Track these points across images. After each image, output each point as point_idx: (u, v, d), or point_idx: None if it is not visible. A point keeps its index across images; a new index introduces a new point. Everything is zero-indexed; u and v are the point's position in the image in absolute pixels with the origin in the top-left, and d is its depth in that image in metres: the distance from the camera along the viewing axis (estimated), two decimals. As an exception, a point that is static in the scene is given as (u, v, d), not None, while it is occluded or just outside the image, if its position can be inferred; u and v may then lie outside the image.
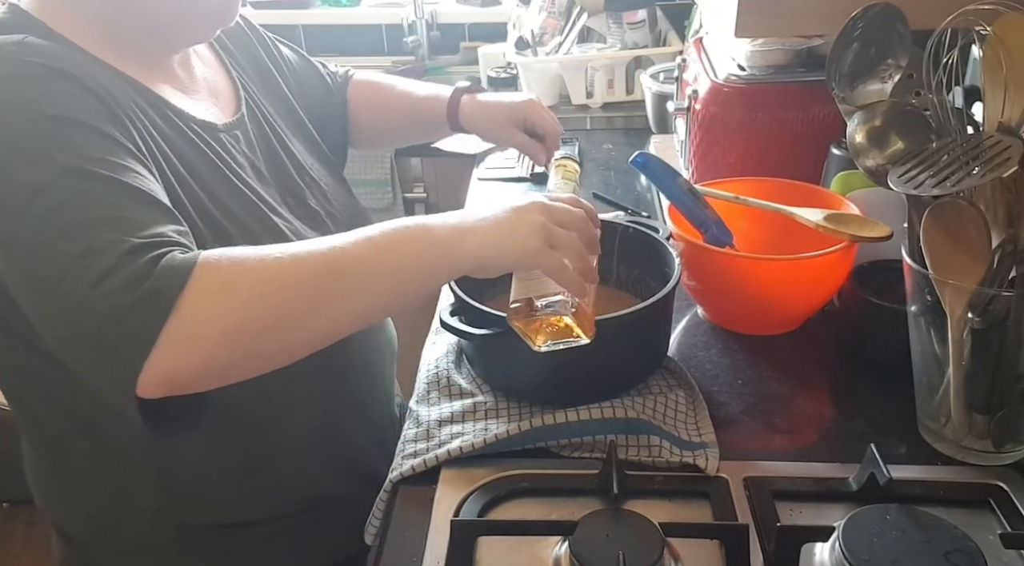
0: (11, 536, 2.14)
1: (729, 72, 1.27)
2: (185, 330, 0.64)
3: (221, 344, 0.66)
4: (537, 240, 0.72)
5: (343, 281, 0.70)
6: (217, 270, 0.66)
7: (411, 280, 0.73)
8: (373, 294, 0.72)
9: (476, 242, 0.72)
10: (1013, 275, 0.79)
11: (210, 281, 0.66)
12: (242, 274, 0.67)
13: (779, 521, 0.76)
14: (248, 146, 0.91)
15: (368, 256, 0.71)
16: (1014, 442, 0.83)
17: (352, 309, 0.71)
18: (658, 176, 1.08)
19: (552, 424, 0.86)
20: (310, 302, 0.69)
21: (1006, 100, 0.79)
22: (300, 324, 0.69)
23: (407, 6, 2.42)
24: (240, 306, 0.66)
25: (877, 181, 0.90)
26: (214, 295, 0.65)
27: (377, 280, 0.71)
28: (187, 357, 0.65)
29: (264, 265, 0.68)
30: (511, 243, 0.72)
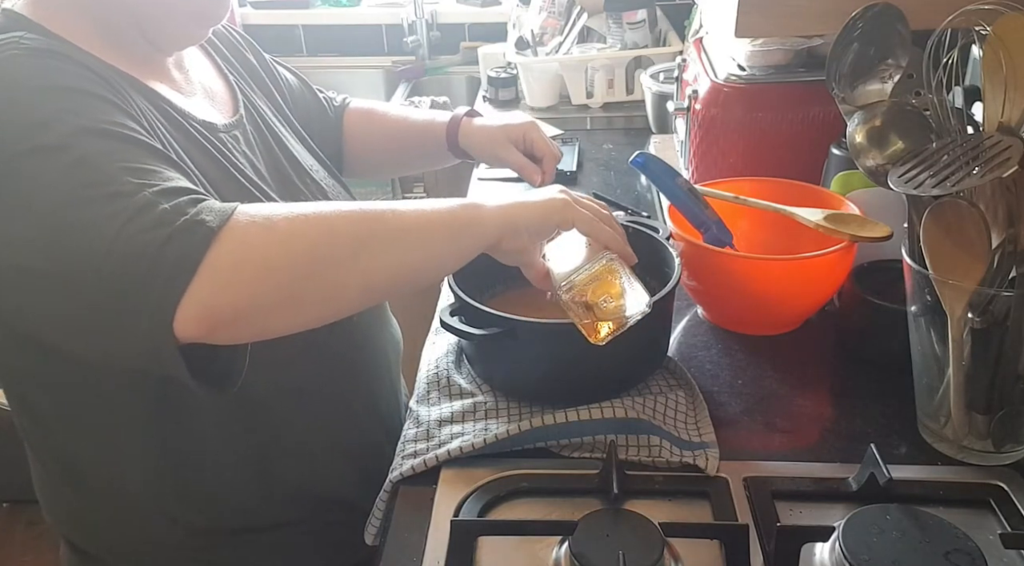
0: (11, 536, 2.14)
1: (729, 72, 1.27)
2: (226, 259, 0.63)
3: (262, 278, 0.65)
4: (561, 198, 0.79)
5: (379, 227, 0.71)
6: (257, 210, 0.67)
7: (443, 237, 0.75)
8: (408, 246, 0.73)
9: (505, 205, 0.77)
10: (1013, 275, 0.79)
11: (251, 218, 0.66)
12: (281, 215, 0.68)
13: (779, 521, 0.76)
14: (248, 147, 0.91)
15: (404, 208, 0.73)
16: (1014, 442, 0.83)
17: (388, 259, 0.72)
18: (658, 176, 1.08)
19: (552, 424, 0.86)
20: (347, 243, 0.69)
21: (1006, 100, 0.79)
22: (338, 266, 0.69)
23: (407, 6, 2.43)
24: (280, 241, 0.66)
25: (877, 181, 0.90)
26: (255, 230, 0.65)
27: (411, 231, 0.73)
28: (227, 289, 0.64)
29: (301, 208, 0.69)
30: (537, 200, 0.79)
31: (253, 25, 2.43)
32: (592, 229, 0.80)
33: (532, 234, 0.80)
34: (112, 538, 0.91)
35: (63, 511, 0.93)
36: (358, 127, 1.19)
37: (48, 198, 0.65)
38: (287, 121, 1.02)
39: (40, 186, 0.65)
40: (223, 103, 0.93)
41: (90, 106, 0.69)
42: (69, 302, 0.65)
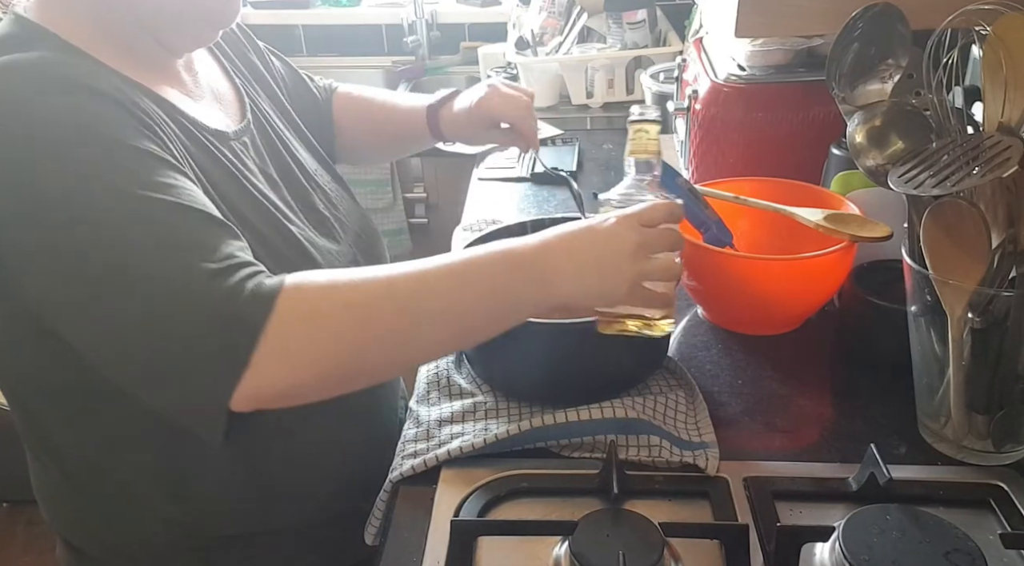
0: (11, 536, 2.14)
1: (729, 72, 1.27)
2: (271, 357, 0.67)
3: (305, 371, 0.69)
4: (625, 288, 0.74)
5: (424, 317, 0.71)
6: (302, 300, 0.69)
7: (492, 319, 0.74)
8: (455, 332, 0.74)
9: (563, 290, 0.73)
10: (1013, 275, 0.79)
11: (295, 312, 0.68)
12: (325, 305, 0.69)
13: (779, 521, 0.76)
14: (256, 153, 0.90)
15: (452, 292, 0.72)
16: (1014, 442, 0.83)
17: (433, 342, 0.74)
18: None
19: (552, 424, 0.86)
20: (391, 336, 0.71)
21: (1006, 100, 0.79)
22: (381, 355, 0.72)
23: (407, 6, 2.43)
24: (324, 338, 0.68)
25: (877, 181, 0.90)
26: (299, 325, 0.68)
27: (459, 318, 0.73)
28: (272, 381, 0.68)
29: (346, 297, 0.70)
30: (598, 290, 0.74)
31: (253, 25, 2.41)
32: (647, 309, 0.78)
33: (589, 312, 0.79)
34: (110, 539, 0.91)
35: (61, 511, 0.93)
36: (347, 114, 1.19)
37: (91, 274, 0.67)
38: (291, 122, 1.02)
39: (82, 258, 0.67)
40: (231, 107, 0.92)
41: (123, 162, 0.69)
42: (120, 357, 0.70)
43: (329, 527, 0.95)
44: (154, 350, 0.68)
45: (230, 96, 0.94)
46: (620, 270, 0.73)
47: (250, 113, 0.93)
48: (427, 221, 2.04)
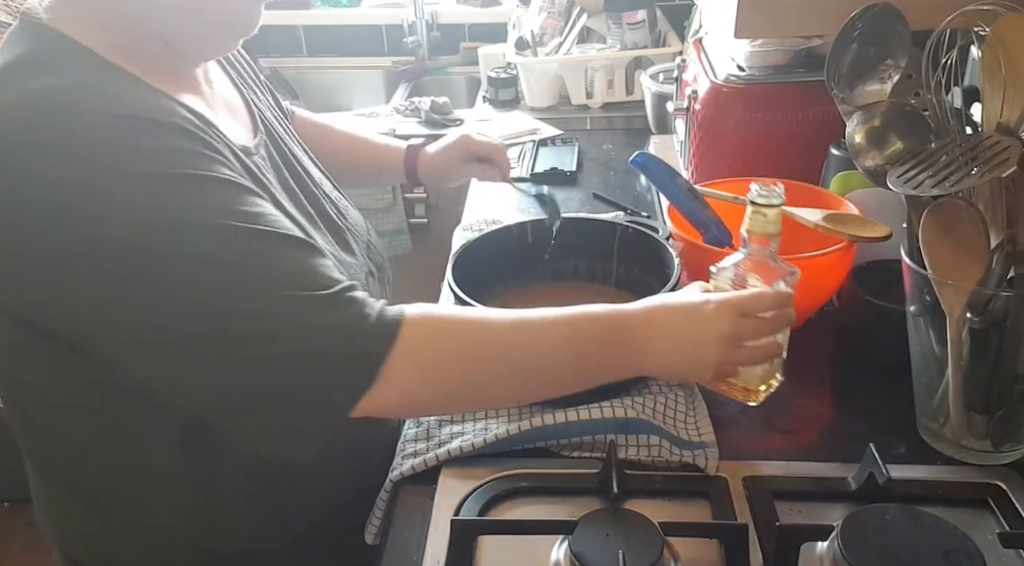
0: (11, 536, 2.14)
1: (729, 72, 1.27)
2: (386, 387, 0.70)
3: (414, 400, 0.74)
4: (708, 374, 0.80)
5: (531, 374, 0.77)
6: (424, 335, 0.72)
7: (584, 376, 0.80)
8: (556, 387, 0.80)
9: (651, 361, 0.78)
10: (1012, 275, 0.79)
11: (415, 346, 0.70)
12: (444, 342, 0.73)
13: (778, 520, 0.76)
14: (274, 166, 0.88)
15: (560, 346, 0.76)
16: (1013, 442, 0.83)
17: (537, 392, 0.81)
18: (658, 176, 1.08)
19: (552, 424, 0.86)
20: (499, 381, 0.76)
21: (1005, 100, 0.79)
22: (485, 399, 0.80)
23: (407, 6, 2.43)
24: (438, 374, 0.73)
25: (876, 181, 0.91)
26: (418, 358, 0.71)
27: (562, 377, 0.78)
28: (380, 407, 0.71)
29: (464, 337, 0.74)
30: (684, 370, 0.81)
31: (253, 25, 2.42)
32: (759, 360, 0.83)
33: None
34: (122, 559, 0.90)
35: (67, 528, 0.90)
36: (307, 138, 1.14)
37: (197, 314, 0.66)
38: (290, 132, 1.00)
39: (187, 299, 0.66)
40: (244, 120, 0.90)
41: (210, 198, 0.68)
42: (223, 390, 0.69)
43: (333, 532, 0.95)
44: (266, 387, 0.68)
45: (242, 109, 0.91)
46: (707, 356, 0.78)
47: (261, 126, 0.91)
48: (427, 221, 2.04)
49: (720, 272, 0.83)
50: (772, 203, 0.79)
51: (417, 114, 2.04)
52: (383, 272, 0.99)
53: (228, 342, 0.67)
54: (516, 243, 1.07)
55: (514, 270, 1.07)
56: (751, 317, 0.78)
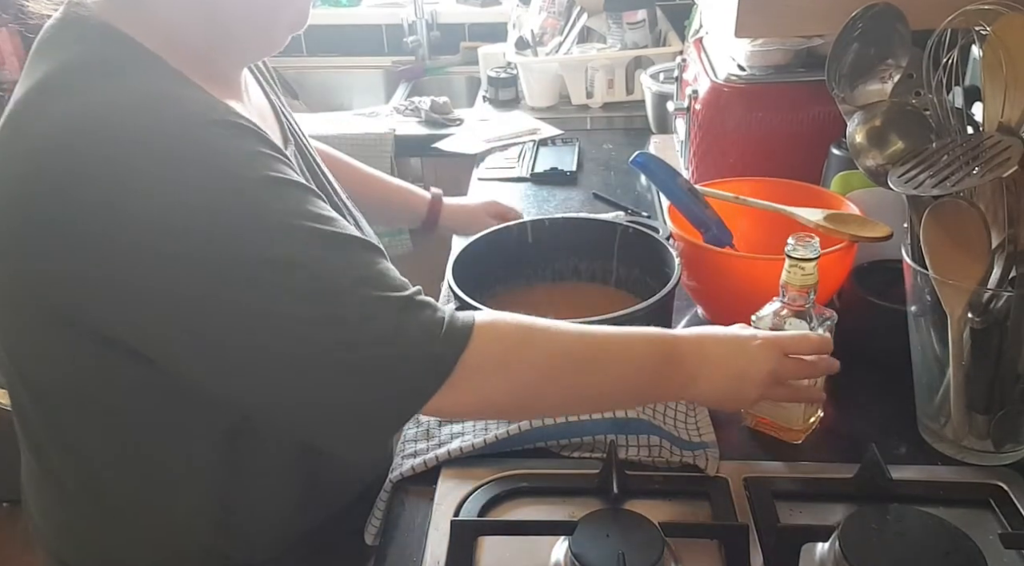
0: (11, 536, 2.14)
1: (729, 72, 1.27)
2: (451, 392, 0.69)
3: (477, 406, 0.74)
4: (747, 406, 0.87)
5: (594, 389, 0.77)
6: (495, 341, 0.72)
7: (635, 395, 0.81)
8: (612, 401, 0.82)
9: (697, 389, 0.79)
10: (1013, 275, 0.79)
11: (486, 353, 0.71)
12: (514, 350, 0.73)
13: (779, 521, 0.76)
14: (302, 175, 0.85)
15: (620, 364, 0.77)
16: (1014, 442, 0.83)
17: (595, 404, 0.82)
18: (658, 176, 1.08)
19: (552, 424, 0.86)
20: (561, 396, 0.77)
21: (1006, 100, 0.79)
22: (551, 406, 0.79)
23: (407, 6, 2.43)
24: (504, 382, 0.73)
25: (877, 181, 0.90)
26: (487, 365, 0.71)
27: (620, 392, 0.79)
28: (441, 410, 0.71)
29: (533, 347, 0.74)
30: (724, 399, 0.82)
31: (253, 25, 2.42)
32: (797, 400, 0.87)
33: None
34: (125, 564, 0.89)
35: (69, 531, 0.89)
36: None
37: (284, 318, 0.65)
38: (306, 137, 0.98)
39: (274, 302, 0.64)
40: (274, 127, 0.88)
41: (288, 202, 0.66)
42: (308, 393, 0.68)
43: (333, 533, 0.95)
44: (343, 393, 0.67)
45: (272, 116, 0.90)
46: (747, 391, 0.80)
47: (289, 132, 0.90)
48: (427, 221, 2.04)
49: (759, 320, 0.85)
50: (809, 257, 0.80)
51: (417, 114, 2.03)
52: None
53: (309, 346, 0.65)
54: (516, 243, 1.07)
55: (514, 270, 1.07)
56: (794, 358, 0.81)
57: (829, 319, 0.84)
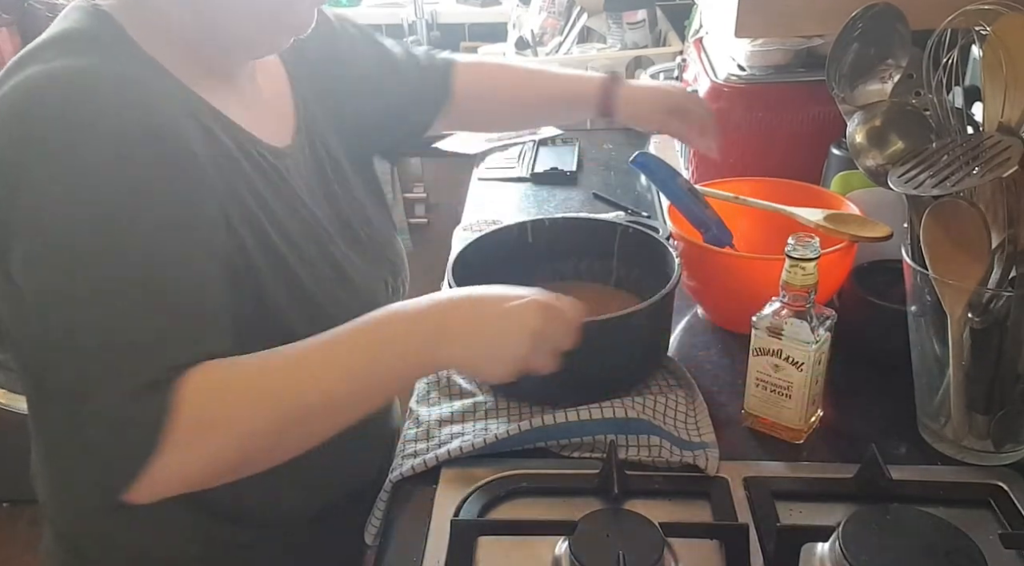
0: (11, 536, 2.14)
1: (729, 72, 1.27)
2: (166, 466, 0.65)
3: (199, 479, 0.69)
4: (506, 370, 0.72)
5: (315, 422, 0.71)
6: (194, 411, 0.66)
7: (383, 396, 0.77)
8: (345, 420, 0.73)
9: (448, 352, 0.72)
10: (1013, 275, 0.79)
11: (186, 431, 0.65)
12: (220, 418, 0.67)
13: (779, 521, 0.76)
14: (307, 168, 0.88)
15: (352, 387, 0.71)
16: (1014, 442, 0.83)
17: (326, 432, 0.72)
18: (658, 176, 1.08)
19: (552, 424, 0.86)
20: (279, 440, 0.70)
21: (1006, 100, 0.79)
22: (274, 456, 0.72)
23: (407, 6, 2.42)
24: (218, 451, 0.68)
25: (877, 181, 0.90)
26: (192, 443, 0.66)
27: (349, 408, 0.72)
28: (166, 487, 0.67)
29: (240, 409, 0.68)
30: (481, 364, 0.73)
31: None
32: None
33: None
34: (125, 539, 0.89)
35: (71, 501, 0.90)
36: (477, 85, 1.14)
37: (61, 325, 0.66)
38: (344, 125, 0.97)
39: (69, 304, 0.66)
40: (286, 119, 0.89)
41: (148, 229, 0.67)
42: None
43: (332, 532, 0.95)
44: (78, 415, 0.67)
45: (286, 107, 0.90)
46: (508, 352, 0.72)
47: (304, 124, 0.90)
48: (427, 221, 2.05)
49: (759, 320, 0.85)
50: (809, 256, 0.80)
51: (417, 114, 2.03)
52: (399, 276, 0.97)
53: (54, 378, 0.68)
54: (516, 243, 1.07)
55: (514, 270, 1.07)
56: (554, 321, 0.74)
57: (829, 319, 0.84)
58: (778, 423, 0.88)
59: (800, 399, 0.85)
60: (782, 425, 0.88)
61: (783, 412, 0.87)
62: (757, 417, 0.89)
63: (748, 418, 0.90)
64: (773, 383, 0.86)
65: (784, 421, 0.88)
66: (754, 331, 0.85)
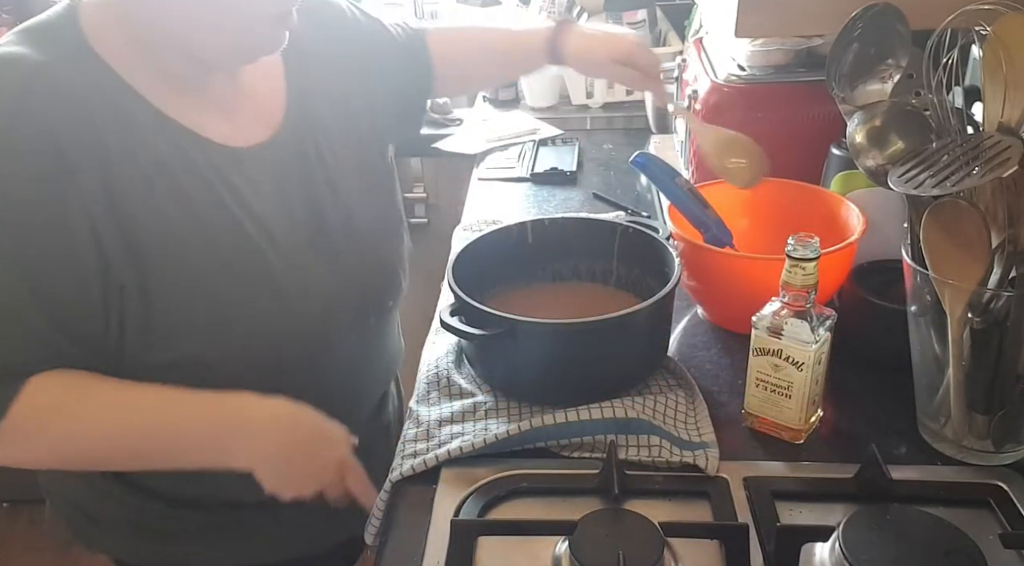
0: (11, 536, 2.14)
1: (729, 72, 1.27)
2: None
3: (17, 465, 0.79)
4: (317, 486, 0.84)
5: (121, 462, 0.85)
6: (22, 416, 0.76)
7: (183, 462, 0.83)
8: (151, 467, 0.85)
9: (244, 459, 0.81)
10: (1013, 275, 0.79)
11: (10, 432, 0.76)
12: (40, 431, 0.78)
13: (779, 521, 0.76)
14: (282, 167, 0.87)
15: (159, 451, 0.82)
16: (1014, 442, 0.83)
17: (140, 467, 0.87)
18: (658, 176, 1.08)
19: (552, 424, 0.86)
20: (95, 463, 0.85)
21: (1006, 100, 0.79)
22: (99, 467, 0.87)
23: (407, 6, 2.42)
24: (46, 452, 0.80)
25: (877, 181, 0.90)
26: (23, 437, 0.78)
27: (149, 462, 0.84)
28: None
29: (60, 429, 0.78)
30: (281, 483, 0.83)
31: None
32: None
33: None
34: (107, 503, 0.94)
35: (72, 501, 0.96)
36: (452, 49, 1.14)
37: None
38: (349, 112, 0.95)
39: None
40: (268, 114, 0.88)
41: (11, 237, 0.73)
42: None
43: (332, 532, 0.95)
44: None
45: (273, 102, 0.89)
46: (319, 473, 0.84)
47: (293, 121, 0.89)
48: (427, 221, 2.04)
49: (759, 321, 0.85)
50: (809, 256, 0.80)
51: (417, 114, 2.03)
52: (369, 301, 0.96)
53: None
54: (516, 243, 1.07)
55: (514, 270, 1.07)
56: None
57: (829, 319, 0.84)
58: (778, 423, 0.88)
59: (800, 399, 0.85)
60: (782, 425, 0.88)
61: (783, 412, 0.87)
62: (757, 417, 0.89)
63: (748, 418, 0.90)
64: (773, 383, 0.86)
65: (784, 421, 0.88)
66: (754, 331, 0.85)
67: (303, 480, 0.83)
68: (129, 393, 0.79)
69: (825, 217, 1.07)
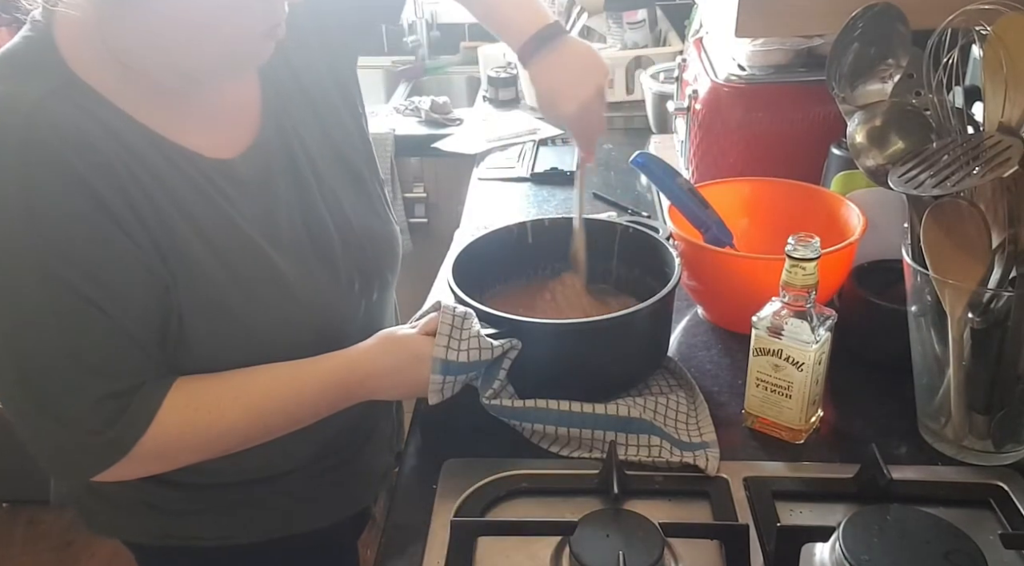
0: (11, 536, 2.14)
1: (729, 72, 1.27)
2: (136, 467, 0.80)
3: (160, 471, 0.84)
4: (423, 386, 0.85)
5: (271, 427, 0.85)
6: (172, 430, 0.79)
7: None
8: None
9: (383, 394, 0.87)
10: (1013, 275, 0.79)
11: (158, 442, 0.78)
12: (179, 449, 0.81)
13: (779, 521, 0.76)
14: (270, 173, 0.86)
15: (297, 417, 0.85)
16: (1014, 442, 0.83)
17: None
18: (658, 176, 1.08)
19: (556, 409, 0.85)
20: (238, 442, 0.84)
21: (1006, 100, 0.79)
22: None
23: (407, 6, 2.42)
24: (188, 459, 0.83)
25: (877, 181, 0.90)
26: (164, 452, 0.80)
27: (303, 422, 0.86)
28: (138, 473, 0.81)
29: (198, 429, 0.80)
30: (408, 393, 0.88)
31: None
32: None
33: None
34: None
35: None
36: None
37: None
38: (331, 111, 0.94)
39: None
40: (249, 124, 0.87)
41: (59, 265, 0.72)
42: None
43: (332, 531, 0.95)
44: (27, 437, 0.78)
45: (252, 110, 0.87)
46: (420, 383, 0.85)
47: (271, 129, 0.87)
48: (427, 221, 2.04)
49: (760, 321, 0.85)
50: (809, 256, 0.80)
51: (417, 114, 2.04)
52: (373, 279, 0.95)
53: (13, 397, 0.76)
54: (516, 243, 1.07)
55: (514, 270, 1.07)
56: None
57: (829, 319, 0.84)
58: (778, 423, 0.88)
59: (800, 399, 0.85)
60: (782, 425, 0.88)
61: (783, 412, 0.87)
62: (757, 417, 0.89)
63: (748, 418, 0.90)
64: (773, 383, 0.86)
65: (784, 421, 0.88)
66: (754, 331, 0.85)
67: (416, 387, 0.86)
68: (245, 381, 0.82)
69: (825, 217, 1.07)
